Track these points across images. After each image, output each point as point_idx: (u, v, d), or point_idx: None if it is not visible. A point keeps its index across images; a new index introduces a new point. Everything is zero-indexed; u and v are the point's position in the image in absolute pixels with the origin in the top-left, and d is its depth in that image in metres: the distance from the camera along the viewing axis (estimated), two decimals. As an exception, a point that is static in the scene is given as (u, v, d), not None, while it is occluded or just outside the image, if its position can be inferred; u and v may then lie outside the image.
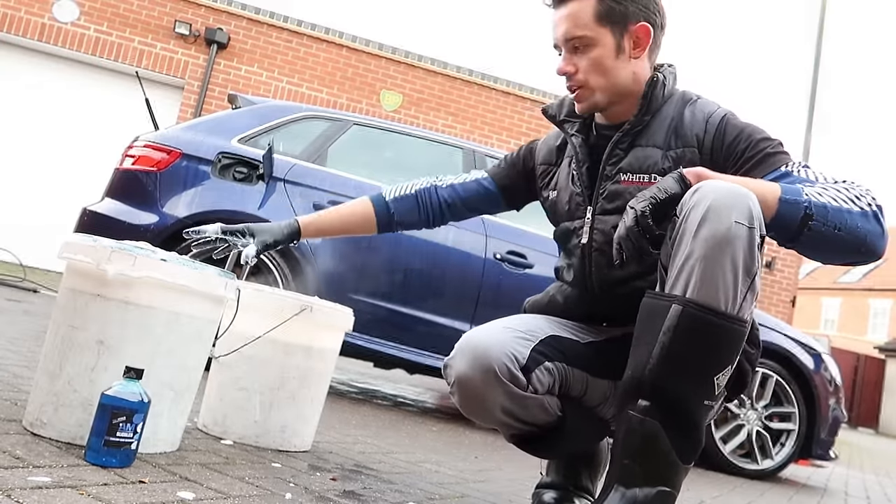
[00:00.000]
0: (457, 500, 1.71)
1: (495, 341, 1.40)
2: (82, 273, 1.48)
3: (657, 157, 1.46)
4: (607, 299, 1.52)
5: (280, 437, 1.87)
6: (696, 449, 1.24)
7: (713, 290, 1.19)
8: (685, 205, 1.24)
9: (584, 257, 1.53)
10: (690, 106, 1.49)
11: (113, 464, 1.32)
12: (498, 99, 9.83)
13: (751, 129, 1.43)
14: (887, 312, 31.56)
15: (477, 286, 3.45)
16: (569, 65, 1.48)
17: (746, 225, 1.19)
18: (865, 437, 15.22)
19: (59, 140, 8.69)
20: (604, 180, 1.51)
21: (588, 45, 1.45)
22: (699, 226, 1.19)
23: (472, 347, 1.40)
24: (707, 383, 1.21)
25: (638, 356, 1.24)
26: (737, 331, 1.21)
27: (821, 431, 3.70)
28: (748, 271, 1.20)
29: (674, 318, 1.20)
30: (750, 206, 1.20)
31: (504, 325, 1.47)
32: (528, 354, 1.40)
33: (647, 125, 1.49)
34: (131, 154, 3.40)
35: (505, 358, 1.37)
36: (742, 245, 1.18)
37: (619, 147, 1.50)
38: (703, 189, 1.23)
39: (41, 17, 8.69)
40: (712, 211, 1.19)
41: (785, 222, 1.26)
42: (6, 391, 1.83)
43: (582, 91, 1.49)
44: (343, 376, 4.58)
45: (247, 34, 9.26)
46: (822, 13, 9.85)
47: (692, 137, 1.45)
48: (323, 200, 3.37)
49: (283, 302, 1.86)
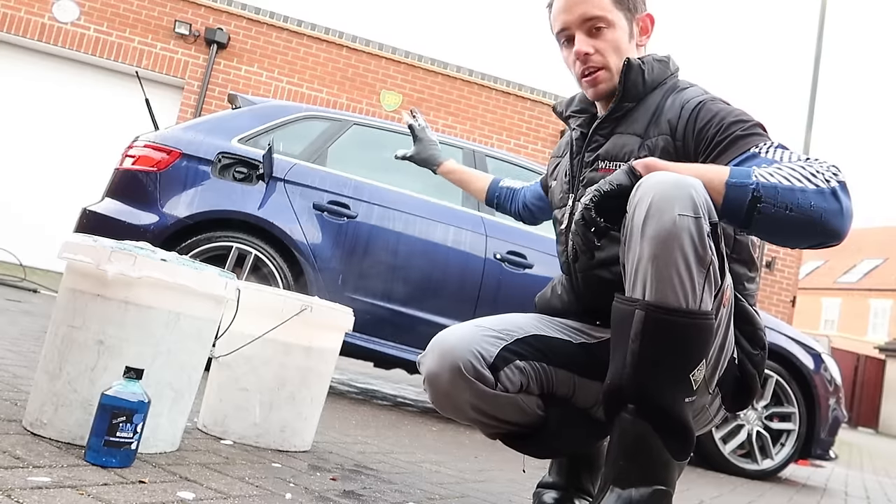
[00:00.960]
0: (457, 500, 1.71)
1: (463, 339, 1.40)
2: (82, 273, 1.48)
3: (634, 146, 1.46)
4: (589, 288, 1.53)
5: (280, 437, 1.87)
6: (687, 445, 1.24)
7: (668, 289, 1.17)
8: (631, 202, 1.22)
9: (566, 244, 1.57)
10: (675, 94, 1.47)
11: (113, 464, 1.32)
12: (498, 99, 9.83)
13: (725, 112, 1.37)
14: (887, 312, 31.55)
15: (477, 286, 3.45)
16: (588, 46, 1.47)
17: (692, 216, 1.16)
18: (865, 437, 15.22)
19: (59, 140, 8.69)
20: (584, 167, 1.54)
21: (607, 25, 1.46)
22: (644, 224, 1.18)
23: (440, 344, 1.41)
24: (683, 381, 1.21)
25: (615, 363, 1.24)
26: (702, 325, 1.20)
27: (821, 431, 3.71)
28: (701, 262, 1.18)
29: (638, 323, 1.19)
30: (692, 195, 1.17)
31: (476, 324, 1.46)
32: (496, 353, 1.40)
33: (630, 112, 1.49)
34: (131, 154, 3.40)
35: (470, 355, 1.37)
36: (689, 237, 1.16)
37: (598, 133, 1.52)
38: (645, 184, 1.21)
39: (41, 17, 8.69)
40: (654, 206, 1.17)
41: (733, 207, 1.21)
42: (6, 391, 1.83)
43: (602, 73, 1.48)
44: (343, 376, 4.58)
45: (247, 34, 9.26)
46: (822, 12, 9.86)
47: (666, 124, 1.43)
48: (323, 200, 3.38)
49: (283, 302, 1.86)
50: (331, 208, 3.38)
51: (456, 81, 9.77)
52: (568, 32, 1.49)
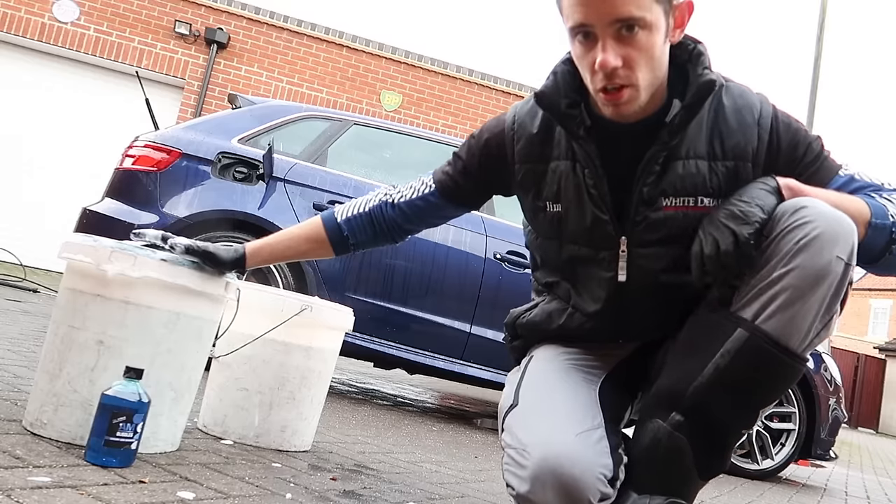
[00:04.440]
0: (457, 500, 1.71)
1: (578, 461, 1.13)
2: (82, 273, 1.48)
3: (704, 173, 1.22)
4: (635, 323, 1.35)
5: (280, 437, 1.87)
6: (719, 470, 1.20)
7: (790, 327, 1.10)
8: (780, 220, 1.12)
9: (615, 293, 1.30)
10: (726, 95, 1.25)
11: (113, 464, 1.32)
12: (498, 99, 9.83)
13: (801, 128, 1.26)
14: (887, 312, 31.55)
15: (477, 286, 3.45)
16: (616, 57, 1.12)
17: (845, 261, 1.09)
18: (865, 437, 15.21)
19: (59, 140, 8.70)
20: (641, 205, 1.24)
21: (643, 27, 1.12)
22: (798, 250, 1.09)
23: (558, 476, 1.12)
24: (752, 414, 1.17)
25: (684, 369, 1.16)
26: (798, 369, 1.14)
27: (821, 431, 3.70)
28: (829, 310, 1.11)
29: (737, 342, 1.11)
30: (854, 241, 1.10)
31: (568, 420, 1.20)
32: (612, 464, 1.16)
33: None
34: (131, 154, 3.40)
35: (596, 482, 1.13)
36: (836, 283, 1.09)
37: (656, 162, 1.22)
38: (808, 211, 1.11)
39: (41, 17, 8.69)
40: (818, 239, 1.08)
41: (870, 247, 1.17)
42: (6, 391, 1.83)
43: (629, 92, 1.16)
44: (343, 376, 4.58)
45: (247, 34, 9.27)
46: (822, 11, 9.86)
47: (745, 147, 1.22)
48: (323, 200, 3.37)
49: (283, 302, 1.86)
50: (331, 208, 3.38)
51: (456, 81, 9.77)
52: (588, 30, 1.14)
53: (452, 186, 1.47)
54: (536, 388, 1.31)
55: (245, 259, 1.54)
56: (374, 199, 1.54)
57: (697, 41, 1.25)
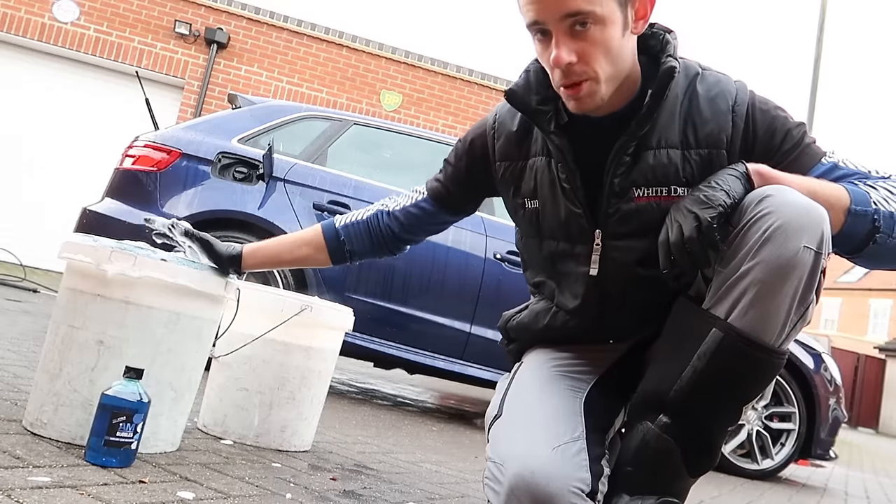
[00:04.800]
0: (457, 500, 1.71)
1: (552, 475, 1.12)
2: (82, 273, 1.48)
3: (677, 162, 1.20)
4: (618, 319, 1.34)
5: (280, 437, 1.87)
6: (707, 467, 1.20)
7: (763, 321, 1.07)
8: (747, 211, 1.09)
9: (593, 288, 1.30)
10: (701, 83, 1.24)
11: (113, 464, 1.32)
12: (498, 99, 9.81)
13: (780, 114, 1.23)
14: (887, 312, 31.55)
15: (477, 286, 3.45)
16: (570, 52, 1.13)
17: (814, 250, 1.06)
18: (865, 437, 15.21)
19: (59, 140, 8.70)
20: (612, 197, 1.24)
21: (596, 22, 1.12)
22: (762, 243, 1.06)
23: (532, 491, 1.11)
24: (734, 411, 1.16)
25: (665, 372, 1.15)
26: (777, 364, 1.12)
27: (821, 431, 3.70)
28: (804, 301, 1.08)
29: (712, 343, 1.10)
30: (823, 228, 1.06)
31: (545, 433, 1.19)
32: (590, 478, 1.14)
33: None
34: (131, 154, 3.40)
35: (574, 498, 1.11)
36: (805, 273, 1.06)
37: (625, 153, 1.22)
38: (773, 200, 1.08)
39: (41, 17, 8.69)
40: (781, 229, 1.05)
41: (851, 234, 1.14)
42: (6, 391, 1.83)
43: (588, 85, 1.16)
44: (343, 376, 4.58)
45: (247, 34, 9.27)
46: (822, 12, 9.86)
47: (718, 136, 1.20)
48: (323, 200, 3.37)
49: (283, 302, 1.86)
50: (331, 208, 3.38)
51: (456, 81, 9.77)
52: (542, 27, 1.15)
53: (444, 192, 1.49)
54: (519, 399, 1.31)
55: (241, 258, 1.56)
56: (373, 209, 1.56)
57: (668, 30, 1.25)
